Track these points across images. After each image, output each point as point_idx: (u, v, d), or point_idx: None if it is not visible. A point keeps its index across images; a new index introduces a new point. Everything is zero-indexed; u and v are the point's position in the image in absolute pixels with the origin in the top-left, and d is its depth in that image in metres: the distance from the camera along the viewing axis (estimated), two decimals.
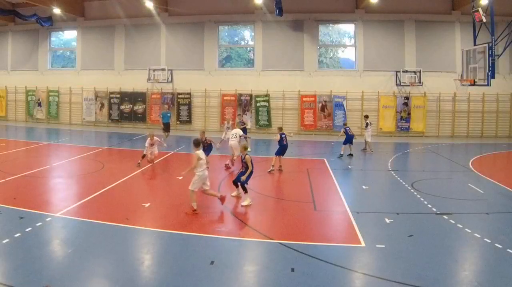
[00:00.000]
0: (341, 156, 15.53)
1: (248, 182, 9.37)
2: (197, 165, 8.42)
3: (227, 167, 13.09)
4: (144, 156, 13.21)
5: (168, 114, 18.91)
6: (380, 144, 20.53)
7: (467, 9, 19.50)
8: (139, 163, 13.05)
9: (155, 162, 13.53)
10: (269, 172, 12.67)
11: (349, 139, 15.78)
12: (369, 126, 17.25)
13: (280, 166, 12.99)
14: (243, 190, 9.32)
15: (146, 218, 8.39)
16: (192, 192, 8.48)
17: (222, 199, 8.87)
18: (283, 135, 13.09)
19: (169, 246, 6.90)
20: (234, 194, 9.82)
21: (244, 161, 9.44)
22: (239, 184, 9.45)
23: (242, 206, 9.10)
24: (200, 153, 8.65)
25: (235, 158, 13.00)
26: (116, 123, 25.53)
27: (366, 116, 18.02)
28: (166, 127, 18.34)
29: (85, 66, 26.36)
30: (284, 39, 23.77)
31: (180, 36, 24.96)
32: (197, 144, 8.94)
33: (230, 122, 17.67)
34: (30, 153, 15.99)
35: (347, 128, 15.96)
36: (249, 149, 10.52)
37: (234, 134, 13.22)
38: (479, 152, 17.71)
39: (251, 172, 9.37)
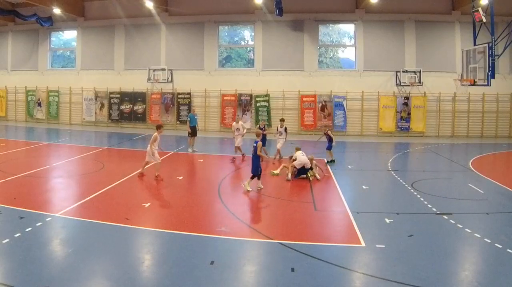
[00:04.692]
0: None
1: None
2: None
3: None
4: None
5: (196, 117, 17.21)
6: (380, 144, 20.57)
7: (467, 9, 19.49)
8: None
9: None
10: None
11: None
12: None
13: None
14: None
15: (146, 218, 8.40)
16: None
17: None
18: None
19: (169, 246, 6.90)
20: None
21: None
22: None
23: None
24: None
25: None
26: (116, 123, 25.53)
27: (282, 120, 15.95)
28: (194, 132, 16.72)
29: (85, 66, 26.38)
30: (284, 39, 23.77)
31: (180, 36, 24.97)
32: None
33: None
34: (30, 153, 15.98)
35: None
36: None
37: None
38: (479, 152, 17.71)
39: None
